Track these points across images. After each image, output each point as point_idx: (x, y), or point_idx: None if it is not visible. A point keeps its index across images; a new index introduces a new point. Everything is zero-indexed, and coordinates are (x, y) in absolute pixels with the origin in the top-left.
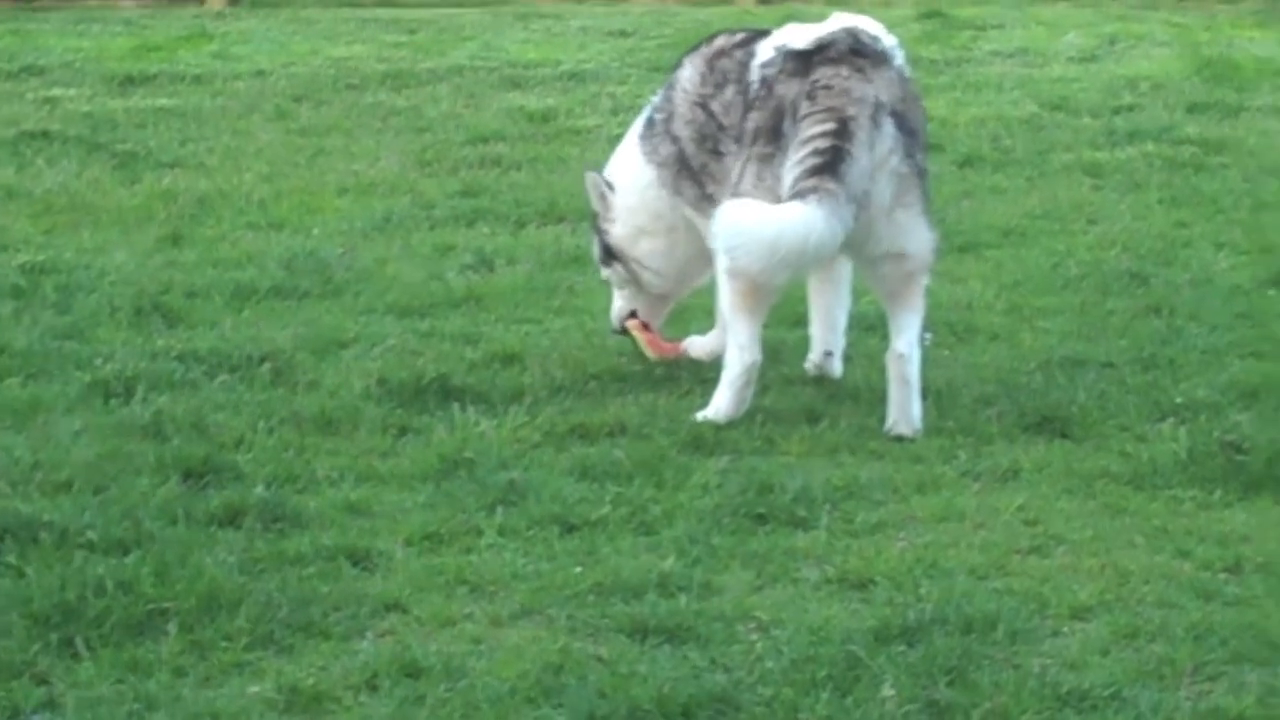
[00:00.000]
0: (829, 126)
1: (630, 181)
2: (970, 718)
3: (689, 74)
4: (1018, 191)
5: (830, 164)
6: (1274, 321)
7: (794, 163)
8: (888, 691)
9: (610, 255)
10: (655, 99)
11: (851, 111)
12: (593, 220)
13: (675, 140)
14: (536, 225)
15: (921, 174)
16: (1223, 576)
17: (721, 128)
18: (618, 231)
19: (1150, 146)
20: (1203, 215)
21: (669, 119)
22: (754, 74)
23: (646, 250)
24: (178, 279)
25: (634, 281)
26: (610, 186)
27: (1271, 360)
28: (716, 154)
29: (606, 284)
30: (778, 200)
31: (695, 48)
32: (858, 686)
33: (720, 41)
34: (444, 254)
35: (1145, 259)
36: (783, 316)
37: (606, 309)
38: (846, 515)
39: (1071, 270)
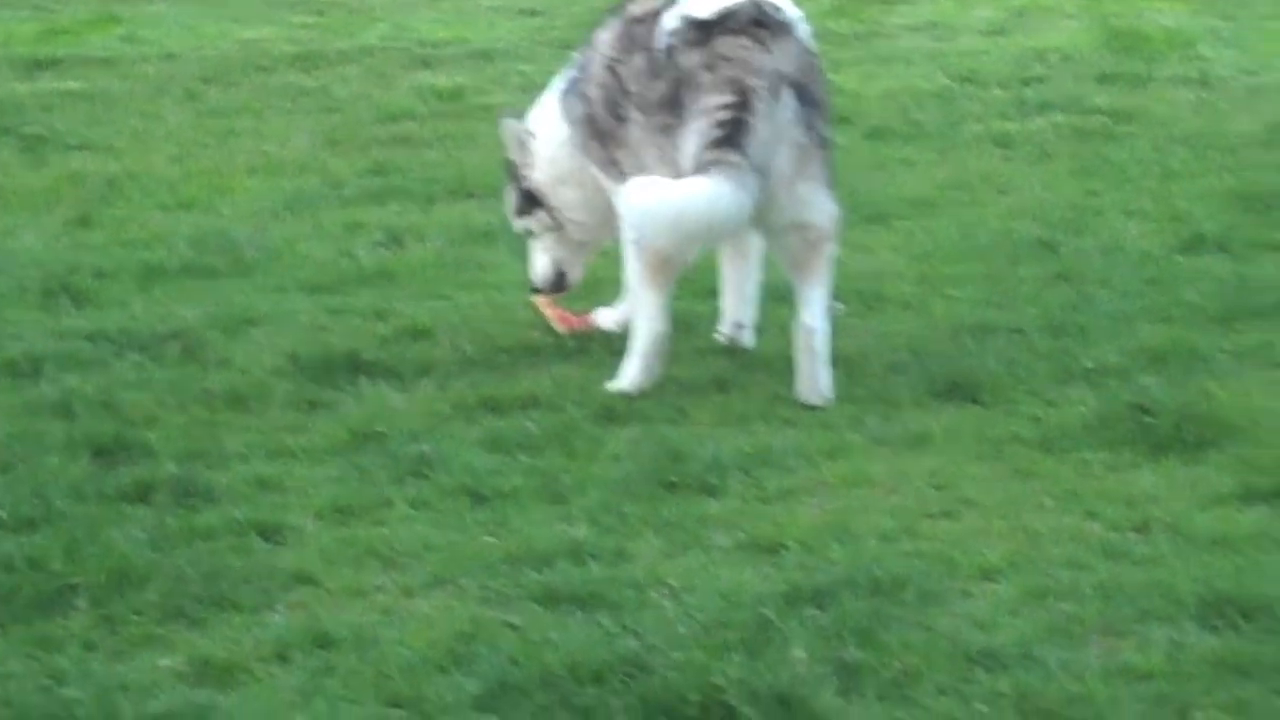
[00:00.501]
0: (729, 99)
1: (549, 134)
2: (880, 678)
3: (606, 36)
4: (928, 163)
5: (731, 136)
6: (1182, 287)
7: (694, 134)
8: (798, 653)
9: (530, 204)
10: (578, 55)
11: (752, 83)
12: (509, 169)
13: (587, 101)
14: (446, 202)
15: (823, 145)
16: (1131, 536)
17: (627, 93)
18: (538, 178)
19: (1060, 117)
20: (1112, 184)
21: (584, 79)
22: (660, 41)
23: (567, 199)
24: (86, 260)
25: (556, 228)
26: (531, 134)
27: (1180, 325)
28: (620, 119)
29: (524, 239)
30: (679, 172)
31: (618, 8)
32: (769, 649)
33: (640, 6)
34: (354, 231)
35: (1055, 227)
36: (694, 287)
37: (517, 283)
38: (757, 482)
39: (982, 239)
